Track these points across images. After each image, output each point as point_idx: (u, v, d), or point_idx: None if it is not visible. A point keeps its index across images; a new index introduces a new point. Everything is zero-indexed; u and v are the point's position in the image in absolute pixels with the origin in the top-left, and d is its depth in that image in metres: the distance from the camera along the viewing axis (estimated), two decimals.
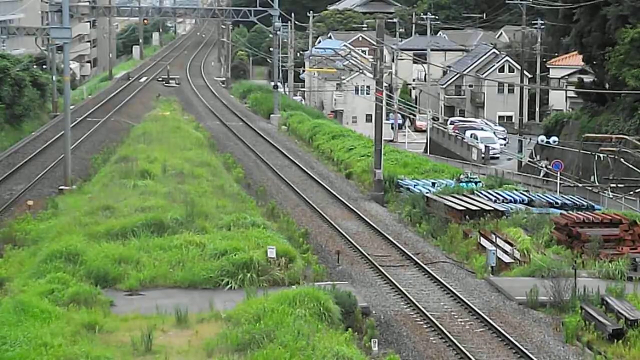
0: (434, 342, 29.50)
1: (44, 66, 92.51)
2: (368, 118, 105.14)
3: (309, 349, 24.66)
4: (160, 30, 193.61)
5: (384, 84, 57.30)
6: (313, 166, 62.83)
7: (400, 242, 41.74)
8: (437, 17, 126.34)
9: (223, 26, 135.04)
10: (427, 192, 47.68)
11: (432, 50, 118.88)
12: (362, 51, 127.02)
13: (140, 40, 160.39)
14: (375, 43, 59.06)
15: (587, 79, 73.15)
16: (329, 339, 25.76)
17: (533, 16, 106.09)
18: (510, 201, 45.69)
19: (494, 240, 39.32)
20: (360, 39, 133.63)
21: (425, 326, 30.76)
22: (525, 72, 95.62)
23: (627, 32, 60.65)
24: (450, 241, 42.28)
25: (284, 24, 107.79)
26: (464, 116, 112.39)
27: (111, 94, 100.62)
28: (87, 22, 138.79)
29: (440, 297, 33.79)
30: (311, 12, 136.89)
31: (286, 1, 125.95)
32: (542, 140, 61.06)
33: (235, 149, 69.14)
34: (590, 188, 51.30)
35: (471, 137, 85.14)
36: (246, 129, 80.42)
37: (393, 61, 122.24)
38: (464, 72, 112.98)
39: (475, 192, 47.26)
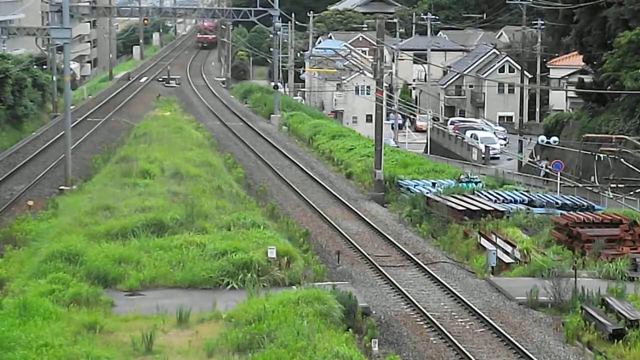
0: (434, 342, 29.49)
1: (44, 66, 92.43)
2: (368, 118, 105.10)
3: (309, 349, 24.67)
4: (161, 30, 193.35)
5: (384, 84, 57.27)
6: (313, 166, 62.80)
7: (400, 242, 41.73)
8: (437, 18, 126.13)
9: (223, 26, 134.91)
10: (427, 193, 47.69)
11: (432, 50, 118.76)
12: (363, 51, 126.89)
13: (141, 41, 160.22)
14: (375, 43, 59.02)
15: (587, 79, 73.07)
16: (329, 339, 25.76)
17: (533, 16, 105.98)
18: (511, 201, 45.68)
19: (494, 240, 39.33)
20: (361, 39, 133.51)
21: (425, 326, 30.76)
22: (526, 73, 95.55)
23: (624, 35, 60.68)
24: (451, 241, 42.29)
25: (284, 24, 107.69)
26: (464, 116, 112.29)
27: (111, 94, 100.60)
28: (87, 22, 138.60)
29: (441, 297, 33.79)
30: (311, 12, 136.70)
31: (286, 1, 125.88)
32: (543, 141, 60.89)
33: (236, 149, 69.12)
34: (590, 188, 51.25)
35: (471, 137, 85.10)
36: (246, 129, 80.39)
37: (393, 61, 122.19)
38: (464, 73, 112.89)
39: (476, 192, 47.26)
